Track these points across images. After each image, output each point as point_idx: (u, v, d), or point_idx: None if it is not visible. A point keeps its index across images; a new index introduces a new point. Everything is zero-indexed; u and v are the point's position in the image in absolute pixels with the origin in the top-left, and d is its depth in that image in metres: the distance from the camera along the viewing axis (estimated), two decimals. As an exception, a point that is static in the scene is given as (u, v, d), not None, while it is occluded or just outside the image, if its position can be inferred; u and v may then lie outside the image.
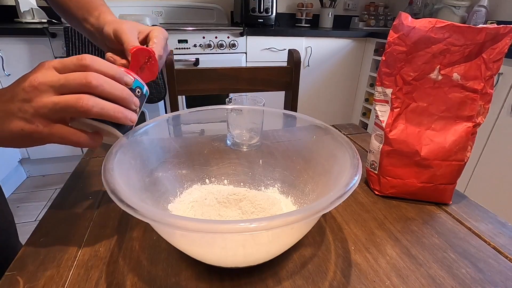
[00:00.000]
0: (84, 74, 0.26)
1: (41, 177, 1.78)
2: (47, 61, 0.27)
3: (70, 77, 0.26)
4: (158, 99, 1.61)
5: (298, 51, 0.90)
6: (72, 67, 0.27)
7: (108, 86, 0.28)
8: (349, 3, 2.39)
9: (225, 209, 0.37)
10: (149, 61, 0.35)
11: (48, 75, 0.26)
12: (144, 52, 0.35)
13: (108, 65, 0.29)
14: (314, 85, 2.02)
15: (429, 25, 0.37)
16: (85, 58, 0.27)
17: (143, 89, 0.33)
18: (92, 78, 0.26)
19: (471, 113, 0.39)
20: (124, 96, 0.29)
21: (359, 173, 0.28)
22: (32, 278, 0.30)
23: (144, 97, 0.34)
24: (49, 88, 0.26)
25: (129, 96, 0.30)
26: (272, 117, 0.47)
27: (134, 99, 0.31)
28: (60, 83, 0.26)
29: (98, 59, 0.28)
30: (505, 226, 0.39)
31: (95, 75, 0.27)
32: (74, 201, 0.42)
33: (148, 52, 0.35)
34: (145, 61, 0.35)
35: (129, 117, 0.30)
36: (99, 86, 0.27)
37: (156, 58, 0.36)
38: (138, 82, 0.32)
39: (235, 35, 1.70)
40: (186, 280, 0.30)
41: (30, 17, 1.65)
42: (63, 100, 0.26)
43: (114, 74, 0.29)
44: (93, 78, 0.26)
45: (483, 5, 1.70)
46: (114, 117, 0.29)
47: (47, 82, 0.26)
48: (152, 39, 0.38)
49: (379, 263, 0.33)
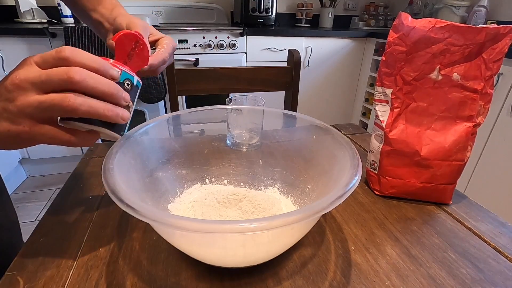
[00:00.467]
0: (65, 69, 0.25)
1: (41, 177, 1.78)
2: (30, 57, 0.26)
3: (51, 73, 0.25)
4: (158, 99, 1.61)
5: (298, 51, 0.90)
6: (52, 61, 0.25)
7: (93, 81, 0.26)
8: (349, 3, 2.39)
9: (225, 209, 0.37)
10: (137, 46, 0.32)
11: (30, 71, 0.25)
12: (129, 37, 0.31)
13: (90, 57, 0.26)
14: (314, 85, 2.02)
15: (429, 25, 0.37)
16: (64, 50, 0.25)
17: (133, 81, 0.31)
18: (74, 73, 0.24)
19: (471, 113, 0.39)
20: (111, 92, 0.27)
21: (359, 173, 0.28)
22: (32, 278, 0.30)
23: (136, 89, 0.31)
24: (30, 86, 0.24)
25: (117, 91, 0.28)
26: (272, 117, 0.47)
27: (124, 94, 0.29)
28: (41, 79, 0.24)
29: (79, 50, 0.26)
30: (505, 226, 0.39)
31: (77, 69, 0.25)
32: (74, 201, 0.42)
33: (134, 36, 0.31)
34: (132, 46, 0.31)
35: (120, 115, 0.28)
36: (82, 81, 0.25)
37: (144, 42, 0.32)
38: (127, 73, 0.30)
39: (235, 35, 1.70)
40: (186, 280, 0.30)
41: (30, 17, 1.65)
42: (48, 99, 0.24)
43: (98, 67, 0.27)
44: (75, 73, 0.24)
45: (483, 5, 1.70)
46: (104, 116, 0.27)
47: (28, 79, 0.24)
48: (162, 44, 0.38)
49: (379, 263, 0.33)
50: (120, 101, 0.28)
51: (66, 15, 1.65)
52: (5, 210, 0.48)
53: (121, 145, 0.32)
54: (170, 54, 0.39)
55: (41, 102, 0.24)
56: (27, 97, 0.25)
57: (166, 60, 0.38)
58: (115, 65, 0.29)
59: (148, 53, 0.33)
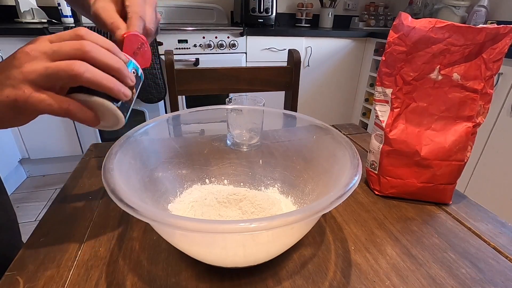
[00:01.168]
0: (78, 41, 0.26)
1: (41, 177, 1.78)
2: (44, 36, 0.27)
3: (63, 43, 0.26)
4: (158, 99, 1.61)
5: (298, 51, 0.90)
6: (67, 38, 0.27)
7: (102, 53, 0.27)
8: (349, 3, 2.39)
9: (225, 209, 0.37)
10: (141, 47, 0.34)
11: (43, 44, 0.26)
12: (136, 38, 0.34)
13: (104, 39, 0.28)
14: (314, 85, 2.02)
15: (429, 25, 0.37)
16: (80, 29, 0.27)
17: (138, 71, 0.32)
18: (86, 43, 0.26)
19: (471, 113, 0.39)
20: (118, 66, 0.28)
21: (359, 173, 0.28)
22: (32, 278, 0.30)
23: (139, 81, 0.33)
24: (41, 55, 0.25)
25: (124, 68, 0.29)
26: (272, 117, 0.47)
27: (130, 74, 0.30)
28: (53, 49, 0.25)
29: (93, 32, 0.28)
30: (505, 226, 0.39)
31: (89, 42, 0.26)
32: (74, 201, 0.42)
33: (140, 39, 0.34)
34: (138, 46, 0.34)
35: (123, 91, 0.28)
36: (92, 51, 0.26)
37: (148, 46, 0.35)
38: (133, 63, 0.32)
39: (235, 35, 1.70)
40: (186, 280, 0.30)
41: (30, 17, 1.65)
42: (54, 65, 0.25)
43: (109, 46, 0.28)
44: (87, 44, 0.26)
45: (483, 5, 1.70)
46: (107, 87, 0.27)
47: (39, 49, 0.25)
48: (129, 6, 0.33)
49: (379, 263, 0.33)
50: (126, 79, 0.29)
51: (66, 15, 1.65)
52: (5, 210, 0.48)
53: (121, 145, 0.32)
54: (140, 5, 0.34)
55: (47, 67, 0.25)
56: (35, 64, 0.25)
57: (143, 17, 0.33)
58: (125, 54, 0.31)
59: (150, 57, 0.35)
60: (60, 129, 1.63)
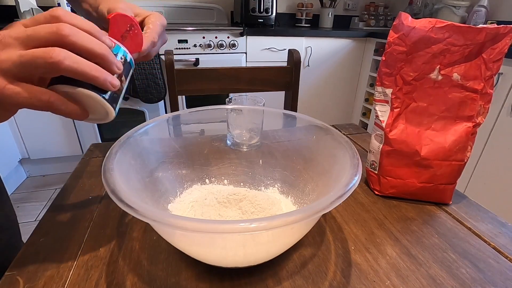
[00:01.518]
0: (55, 24, 0.23)
1: (41, 177, 1.78)
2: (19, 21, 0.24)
3: (38, 27, 0.23)
4: (158, 99, 1.61)
5: (298, 51, 0.90)
6: (43, 20, 0.24)
7: (83, 38, 0.24)
8: (349, 3, 2.39)
9: (225, 209, 0.37)
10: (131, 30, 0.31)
11: (16, 29, 0.23)
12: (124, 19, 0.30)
13: (84, 20, 0.25)
14: (314, 85, 2.02)
15: (429, 25, 0.37)
16: (57, 10, 0.24)
17: (127, 57, 0.29)
18: (64, 26, 0.23)
19: (471, 113, 0.39)
20: (102, 52, 0.25)
21: (359, 173, 0.28)
22: (32, 278, 0.30)
23: (129, 67, 0.30)
24: (14, 41, 0.23)
25: (108, 53, 0.25)
26: (272, 117, 0.47)
27: (116, 61, 0.27)
28: (27, 33, 0.23)
29: (72, 13, 0.25)
30: (505, 226, 0.39)
31: (67, 25, 0.23)
32: (74, 201, 0.42)
33: (129, 20, 0.31)
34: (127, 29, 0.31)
35: (109, 80, 0.26)
36: (72, 35, 0.23)
37: (139, 28, 0.32)
38: (121, 48, 0.28)
39: (235, 35, 1.70)
40: (186, 280, 0.30)
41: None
42: (30, 52, 0.22)
43: (90, 29, 0.25)
44: (65, 26, 0.23)
45: (483, 5, 1.70)
46: (90, 76, 0.24)
47: (12, 35, 0.23)
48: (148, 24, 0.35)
49: (379, 263, 0.33)
50: (112, 66, 0.26)
51: (66, 15, 1.65)
52: (5, 210, 0.48)
53: (121, 145, 0.32)
54: (159, 33, 0.36)
55: (21, 55, 0.22)
56: (8, 52, 0.22)
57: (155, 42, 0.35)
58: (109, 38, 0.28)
59: (142, 40, 0.32)
60: (60, 129, 1.63)
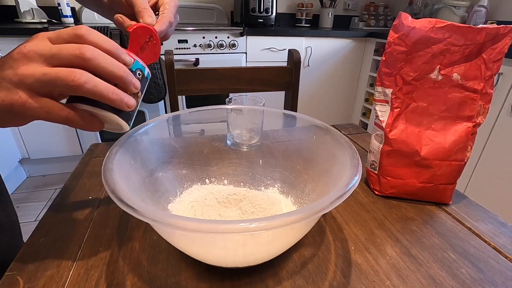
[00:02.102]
0: (78, 45, 0.24)
1: (41, 177, 1.78)
2: (43, 32, 0.26)
3: (62, 47, 0.24)
4: (158, 99, 1.61)
5: (298, 51, 0.90)
6: (67, 37, 0.25)
7: (104, 61, 0.25)
8: (349, 3, 2.39)
9: (225, 209, 0.37)
10: (150, 41, 0.32)
11: (41, 44, 0.24)
12: (144, 30, 0.31)
13: (106, 39, 0.26)
14: (314, 85, 2.02)
15: (429, 25, 0.37)
16: (81, 28, 0.25)
17: (144, 72, 0.30)
18: (87, 49, 0.24)
19: (471, 113, 0.39)
20: (121, 75, 0.26)
21: (359, 173, 0.28)
22: (32, 278, 0.30)
23: (146, 81, 0.31)
24: (38, 57, 0.24)
25: (127, 74, 0.27)
26: (272, 117, 0.47)
27: (134, 80, 0.28)
28: (52, 52, 0.24)
29: (95, 31, 0.26)
30: (505, 226, 0.39)
31: (90, 47, 0.24)
32: (74, 201, 0.42)
33: (149, 31, 0.32)
34: (146, 40, 0.32)
35: (125, 101, 0.27)
36: (94, 59, 0.24)
37: (158, 38, 0.32)
38: (139, 63, 0.30)
39: (235, 35, 1.70)
40: (186, 280, 0.30)
41: (30, 17, 1.65)
42: (53, 71, 0.24)
43: (112, 49, 0.26)
44: (87, 50, 0.24)
45: (483, 5, 1.70)
46: (108, 98, 0.26)
47: (37, 51, 0.24)
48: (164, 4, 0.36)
49: (379, 263, 0.33)
50: (130, 86, 0.28)
51: (66, 15, 1.65)
52: (6, 210, 0.48)
53: (121, 145, 0.32)
54: (174, 14, 0.37)
55: (45, 73, 0.23)
56: (32, 67, 0.24)
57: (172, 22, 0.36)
58: (129, 53, 0.29)
59: (159, 50, 0.33)
60: (60, 129, 1.63)
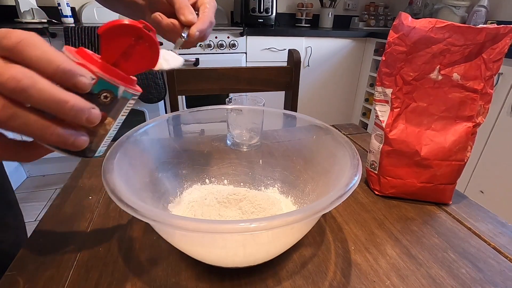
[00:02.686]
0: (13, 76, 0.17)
1: (41, 177, 1.78)
2: None
3: None
4: (158, 99, 1.61)
5: (298, 51, 0.90)
6: None
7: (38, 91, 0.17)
8: (349, 3, 2.39)
9: (225, 209, 0.37)
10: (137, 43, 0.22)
11: None
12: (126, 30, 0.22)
13: (46, 55, 0.18)
14: (314, 85, 2.02)
15: (429, 25, 0.37)
16: (10, 37, 0.17)
17: (116, 92, 0.22)
18: (14, 76, 0.17)
19: (471, 113, 0.39)
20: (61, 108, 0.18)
21: (359, 173, 0.28)
22: (32, 278, 0.30)
23: (123, 101, 0.23)
24: None
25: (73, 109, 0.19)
26: (272, 117, 0.47)
27: (88, 113, 0.20)
28: None
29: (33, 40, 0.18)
30: (505, 226, 0.39)
31: (19, 72, 0.17)
32: (74, 201, 0.42)
33: (134, 29, 0.22)
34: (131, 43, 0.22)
35: (72, 141, 0.20)
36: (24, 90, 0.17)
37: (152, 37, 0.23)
38: (105, 82, 0.21)
39: (235, 35, 1.70)
40: (186, 280, 0.30)
41: (30, 17, 1.65)
42: None
43: (54, 71, 0.18)
44: (14, 77, 0.17)
45: (483, 5, 1.70)
46: (42, 138, 0.19)
47: None
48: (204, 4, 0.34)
49: (379, 263, 0.33)
50: (79, 120, 0.19)
51: (66, 15, 1.65)
52: (13, 209, 0.48)
53: (121, 145, 0.32)
54: (214, 14, 0.35)
55: None
56: None
57: (213, 22, 0.35)
58: (90, 69, 0.20)
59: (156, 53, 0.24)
60: (60, 129, 1.63)
